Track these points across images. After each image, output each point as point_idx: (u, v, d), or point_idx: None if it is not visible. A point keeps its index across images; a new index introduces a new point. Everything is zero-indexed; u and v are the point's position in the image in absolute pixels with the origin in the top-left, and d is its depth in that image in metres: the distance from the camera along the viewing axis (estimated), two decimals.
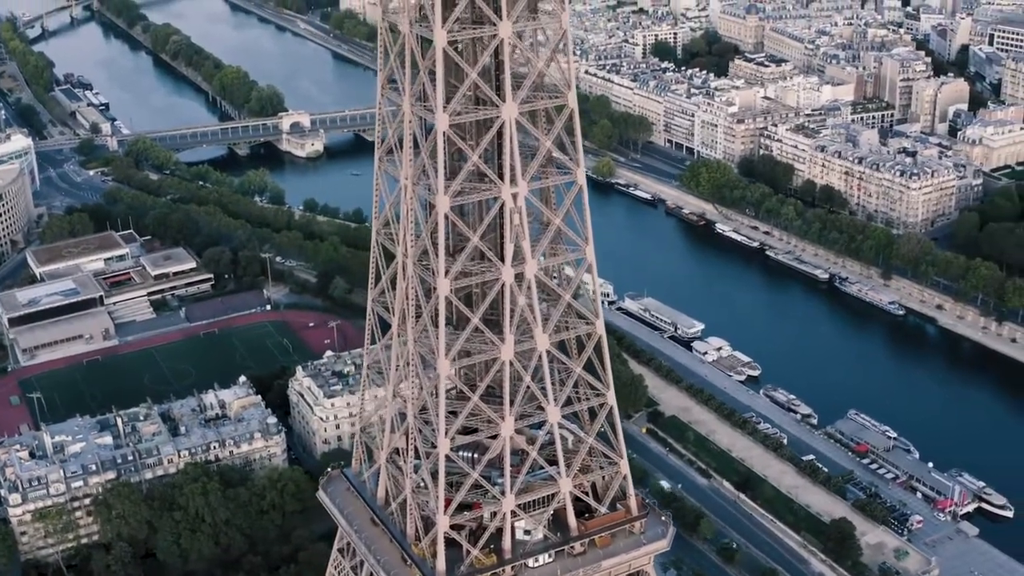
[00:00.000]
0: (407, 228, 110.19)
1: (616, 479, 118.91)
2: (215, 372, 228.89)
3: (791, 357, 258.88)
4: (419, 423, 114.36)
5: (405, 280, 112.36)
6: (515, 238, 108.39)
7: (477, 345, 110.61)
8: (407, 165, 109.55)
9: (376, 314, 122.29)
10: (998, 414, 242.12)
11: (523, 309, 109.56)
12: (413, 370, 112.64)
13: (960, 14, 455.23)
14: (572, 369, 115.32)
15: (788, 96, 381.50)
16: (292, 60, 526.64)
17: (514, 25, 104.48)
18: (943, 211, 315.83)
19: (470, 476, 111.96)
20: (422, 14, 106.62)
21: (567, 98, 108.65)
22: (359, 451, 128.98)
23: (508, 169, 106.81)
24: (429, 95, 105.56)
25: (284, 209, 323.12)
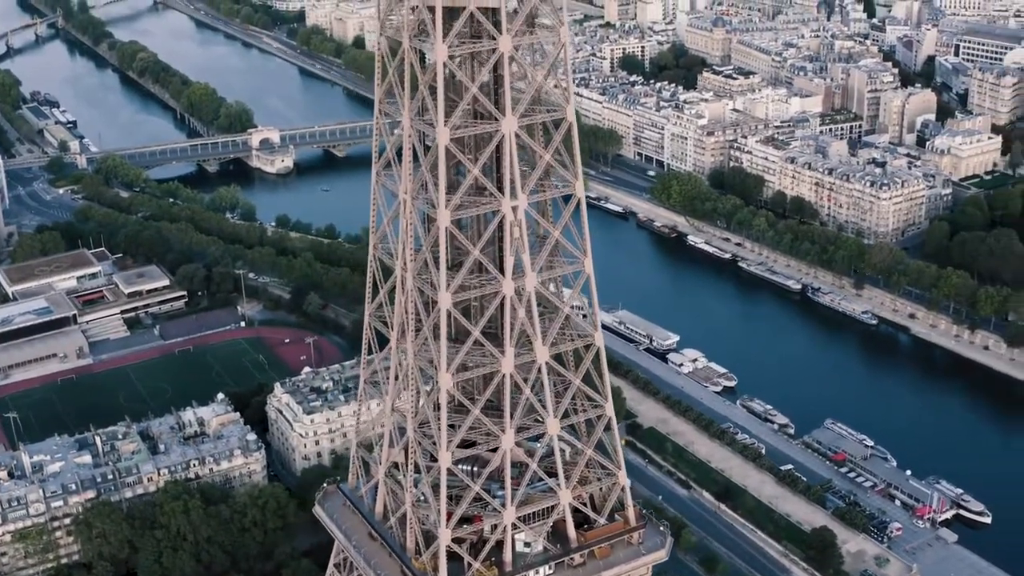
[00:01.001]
0: (406, 242, 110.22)
1: (615, 490, 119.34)
2: (191, 390, 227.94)
3: (766, 368, 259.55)
4: (419, 437, 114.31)
5: (404, 294, 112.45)
6: (515, 251, 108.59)
7: (477, 358, 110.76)
8: (406, 179, 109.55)
9: (373, 328, 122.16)
10: (973, 421, 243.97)
11: (523, 322, 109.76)
12: (413, 384, 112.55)
13: (926, 25, 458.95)
14: (570, 381, 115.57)
15: (757, 108, 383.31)
16: (259, 76, 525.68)
17: (513, 39, 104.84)
18: (913, 221, 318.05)
19: (471, 489, 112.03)
20: (420, 29, 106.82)
21: (566, 112, 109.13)
22: (355, 466, 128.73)
23: (508, 182, 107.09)
24: (429, 109, 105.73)
25: (256, 225, 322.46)
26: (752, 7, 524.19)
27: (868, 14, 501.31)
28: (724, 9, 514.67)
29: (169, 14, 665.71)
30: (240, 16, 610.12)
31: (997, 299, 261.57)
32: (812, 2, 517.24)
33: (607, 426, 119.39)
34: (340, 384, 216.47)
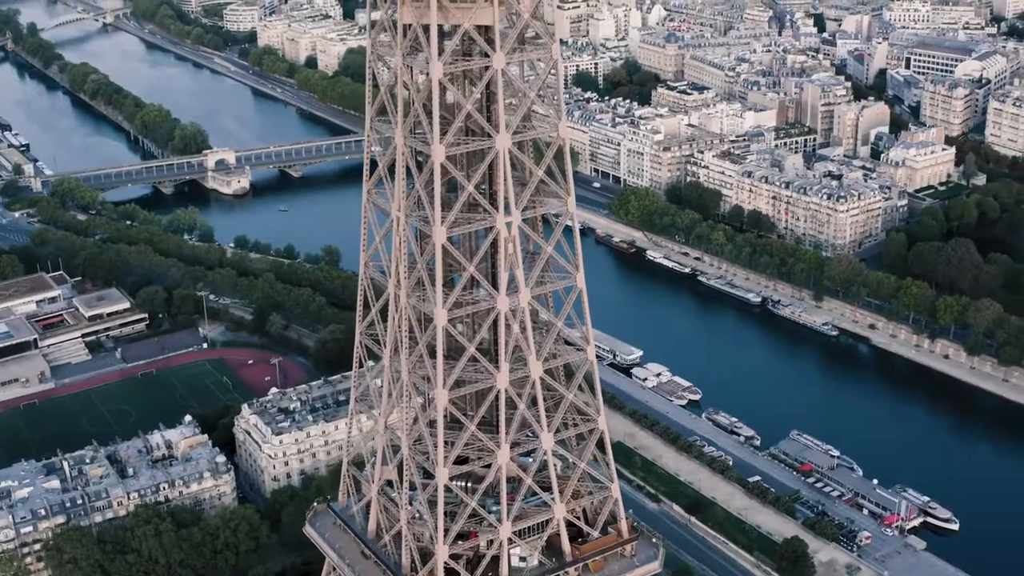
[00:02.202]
0: (400, 260, 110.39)
1: (607, 503, 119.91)
2: (155, 412, 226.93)
3: (730, 380, 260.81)
4: (414, 453, 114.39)
5: (398, 311, 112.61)
6: (509, 267, 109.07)
7: (471, 374, 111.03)
8: (400, 197, 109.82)
9: (363, 346, 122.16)
10: (935, 430, 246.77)
11: (517, 337, 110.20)
12: (407, 401, 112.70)
13: (876, 39, 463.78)
14: (562, 396, 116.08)
15: (712, 123, 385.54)
16: (211, 97, 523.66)
17: (506, 57, 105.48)
18: (870, 232, 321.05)
19: (467, 505, 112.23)
20: (413, 47, 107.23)
21: (558, 128, 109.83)
22: (346, 484, 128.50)
23: (502, 199, 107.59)
24: (424, 127, 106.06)
25: (215, 247, 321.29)
26: (704, 23, 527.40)
27: (819, 28, 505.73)
28: (676, 25, 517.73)
29: (118, 36, 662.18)
30: (191, 37, 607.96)
31: (956, 308, 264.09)
32: (763, 17, 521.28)
33: (600, 439, 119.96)
34: (308, 404, 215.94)
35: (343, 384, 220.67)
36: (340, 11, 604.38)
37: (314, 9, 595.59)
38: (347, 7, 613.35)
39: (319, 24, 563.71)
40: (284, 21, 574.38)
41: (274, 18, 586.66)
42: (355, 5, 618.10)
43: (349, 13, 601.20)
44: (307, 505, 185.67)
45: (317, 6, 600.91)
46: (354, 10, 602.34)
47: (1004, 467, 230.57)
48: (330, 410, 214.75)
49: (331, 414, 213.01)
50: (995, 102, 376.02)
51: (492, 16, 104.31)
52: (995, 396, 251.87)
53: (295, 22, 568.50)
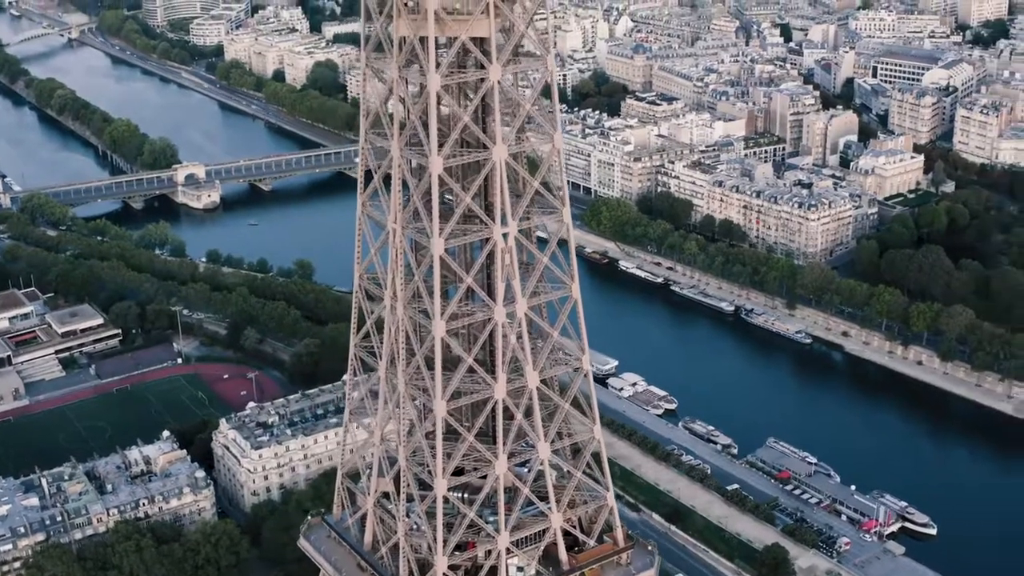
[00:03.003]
0: (396, 272, 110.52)
1: (603, 512, 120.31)
2: (131, 428, 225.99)
3: (705, 389, 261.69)
4: (411, 465, 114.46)
5: (394, 324, 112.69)
6: (505, 277, 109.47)
7: (469, 385, 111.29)
8: (396, 209, 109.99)
9: (358, 358, 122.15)
10: (910, 435, 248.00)
11: (513, 347, 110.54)
12: (404, 413, 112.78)
13: (843, 48, 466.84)
14: (557, 405, 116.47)
15: (681, 133, 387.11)
16: (179, 111, 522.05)
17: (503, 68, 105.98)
18: (841, 240, 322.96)
19: (465, 516, 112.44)
20: (408, 60, 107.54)
21: (553, 139, 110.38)
22: (340, 497, 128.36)
23: (498, 210, 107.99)
24: (422, 139, 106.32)
25: (188, 261, 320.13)
26: (671, 34, 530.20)
27: (785, 38, 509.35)
28: (643, 36, 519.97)
29: (84, 51, 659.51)
30: (157, 51, 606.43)
31: (929, 314, 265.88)
32: (730, 28, 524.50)
33: (595, 449, 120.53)
34: (286, 418, 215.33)
35: (321, 398, 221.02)
36: (307, 24, 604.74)
37: (280, 23, 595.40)
38: (314, 21, 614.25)
39: (286, 38, 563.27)
40: (251, 35, 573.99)
41: (241, 32, 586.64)
42: (321, 19, 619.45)
43: (316, 26, 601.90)
44: (288, 519, 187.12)
45: (284, 20, 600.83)
46: (321, 23, 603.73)
47: (979, 471, 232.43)
48: (308, 424, 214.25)
49: (310, 428, 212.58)
50: (963, 110, 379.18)
51: (488, 28, 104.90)
52: (968, 401, 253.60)
53: (262, 36, 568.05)
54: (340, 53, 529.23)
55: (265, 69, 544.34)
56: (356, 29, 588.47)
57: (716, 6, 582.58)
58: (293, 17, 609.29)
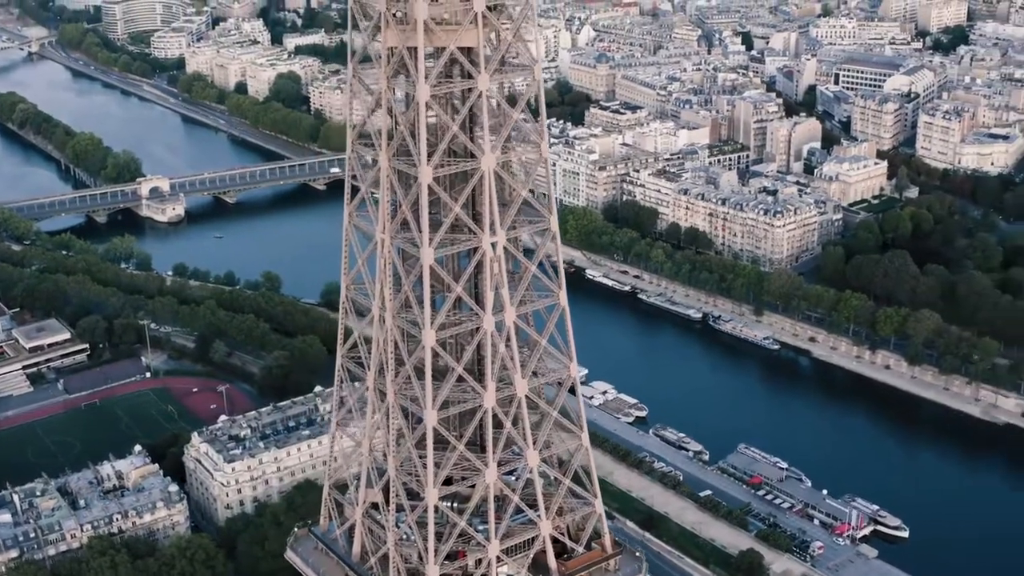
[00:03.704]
0: (384, 282, 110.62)
1: (591, 518, 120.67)
2: (101, 443, 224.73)
3: (675, 396, 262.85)
4: (400, 475, 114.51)
5: (384, 333, 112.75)
6: (494, 286, 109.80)
7: (458, 394, 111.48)
8: (384, 219, 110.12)
9: (345, 368, 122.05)
10: (880, 439, 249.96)
11: (502, 356, 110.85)
12: (394, 422, 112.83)
13: (804, 55, 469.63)
14: (545, 413, 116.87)
15: (646, 142, 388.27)
16: (141, 125, 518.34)
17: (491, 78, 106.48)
18: (806, 247, 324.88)
19: (455, 525, 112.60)
20: (396, 70, 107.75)
21: (540, 148, 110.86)
22: (327, 508, 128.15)
23: (487, 219, 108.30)
24: (411, 149, 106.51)
25: (154, 275, 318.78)
26: (633, 43, 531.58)
27: (747, 47, 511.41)
28: (605, 45, 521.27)
29: (44, 64, 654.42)
30: (118, 64, 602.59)
31: (896, 319, 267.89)
32: (691, 36, 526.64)
33: (583, 456, 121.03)
34: (258, 431, 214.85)
35: (292, 410, 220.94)
36: (268, 37, 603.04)
37: (242, 35, 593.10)
38: (275, 33, 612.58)
39: (248, 50, 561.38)
40: (212, 47, 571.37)
41: (202, 44, 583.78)
42: (283, 31, 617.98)
43: (277, 38, 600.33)
44: (262, 532, 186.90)
45: (245, 32, 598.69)
46: (282, 35, 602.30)
47: (949, 473, 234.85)
48: (281, 436, 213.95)
49: (282, 440, 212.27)
50: (925, 116, 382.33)
51: (476, 38, 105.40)
52: (937, 404, 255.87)
53: (224, 48, 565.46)
54: (302, 65, 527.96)
55: (227, 82, 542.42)
56: (318, 41, 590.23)
57: (677, 15, 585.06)
58: (254, 29, 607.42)
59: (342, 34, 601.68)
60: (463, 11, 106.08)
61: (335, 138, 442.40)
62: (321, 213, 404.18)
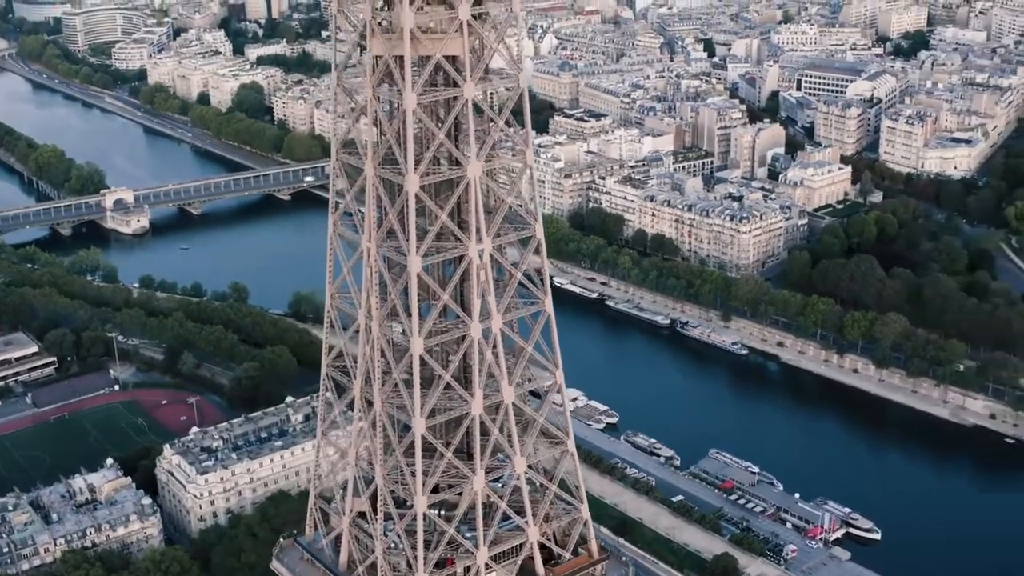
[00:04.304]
0: (370, 291, 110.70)
1: (577, 524, 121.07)
2: (71, 457, 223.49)
3: (645, 402, 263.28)
4: (388, 483, 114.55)
5: (370, 342, 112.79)
6: (481, 294, 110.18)
7: (445, 402, 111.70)
8: (371, 228, 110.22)
9: (330, 378, 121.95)
10: (850, 442, 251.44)
11: (489, 363, 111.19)
12: (381, 431, 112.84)
13: (767, 62, 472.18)
14: (532, 420, 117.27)
15: (611, 149, 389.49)
16: (103, 136, 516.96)
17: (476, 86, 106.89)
18: (772, 252, 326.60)
19: (444, 533, 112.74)
20: (381, 78, 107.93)
21: (526, 155, 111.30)
22: (312, 518, 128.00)
23: (473, 227, 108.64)
24: (398, 157, 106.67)
25: (121, 287, 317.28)
26: (596, 51, 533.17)
27: (708, 53, 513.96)
28: (568, 54, 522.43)
29: (4, 77, 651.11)
30: (79, 76, 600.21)
31: (864, 323, 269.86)
32: (654, 44, 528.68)
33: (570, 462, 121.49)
34: (230, 443, 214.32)
35: (264, 421, 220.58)
36: (230, 47, 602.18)
37: (204, 46, 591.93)
38: (236, 43, 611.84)
39: (210, 61, 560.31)
40: (174, 58, 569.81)
41: (163, 56, 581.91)
42: (244, 41, 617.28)
43: (239, 49, 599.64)
44: (237, 544, 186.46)
45: (207, 43, 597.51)
46: (244, 46, 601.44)
47: (919, 475, 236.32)
48: (253, 447, 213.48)
49: (255, 451, 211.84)
50: (888, 120, 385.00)
51: (461, 47, 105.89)
52: (905, 407, 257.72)
53: (185, 59, 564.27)
54: (265, 75, 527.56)
55: (189, 92, 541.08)
56: (279, 51, 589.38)
57: (639, 23, 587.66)
58: (216, 40, 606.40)
59: (304, 44, 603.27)
60: (448, 20, 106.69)
61: (299, 148, 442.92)
62: (286, 223, 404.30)
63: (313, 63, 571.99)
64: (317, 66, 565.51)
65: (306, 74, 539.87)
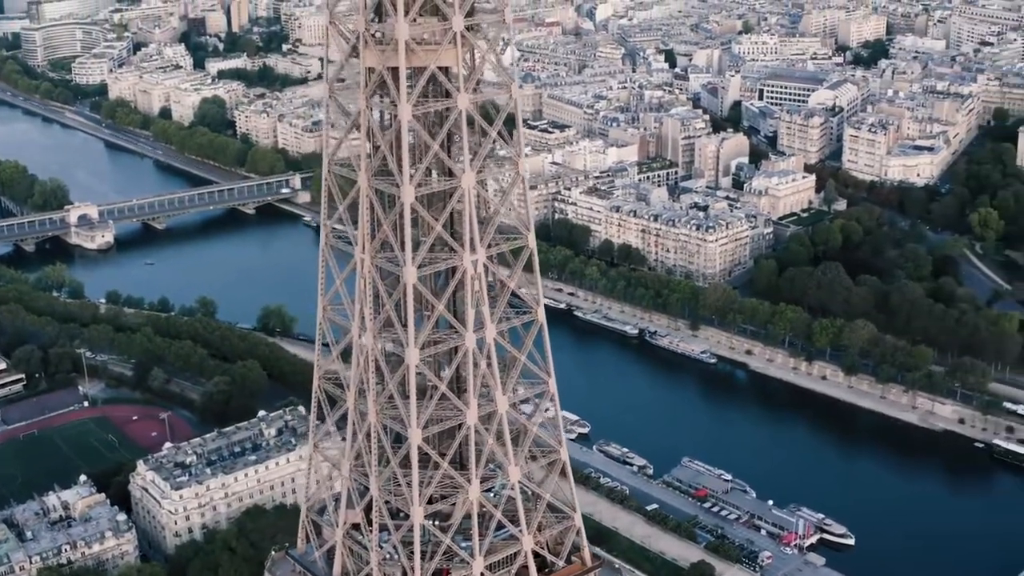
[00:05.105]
0: (364, 302, 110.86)
1: (570, 532, 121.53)
2: (43, 474, 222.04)
3: (616, 412, 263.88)
4: (383, 494, 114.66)
5: (364, 353, 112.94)
6: (475, 304, 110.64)
7: (440, 412, 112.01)
8: (364, 239, 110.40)
9: (322, 390, 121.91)
10: (821, 448, 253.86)
11: (484, 372, 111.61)
12: (376, 442, 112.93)
13: (728, 72, 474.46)
14: (526, 429, 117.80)
15: (575, 160, 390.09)
16: (65, 152, 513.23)
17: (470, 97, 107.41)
18: (739, 261, 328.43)
19: (440, 543, 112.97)
20: (375, 90, 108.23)
21: (518, 164, 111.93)
22: (305, 530, 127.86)
23: (467, 237, 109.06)
24: (392, 169, 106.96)
25: (88, 303, 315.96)
26: (558, 62, 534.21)
27: (670, 64, 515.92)
28: (530, 65, 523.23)
29: None
30: (39, 92, 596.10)
31: (832, 330, 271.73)
32: (616, 55, 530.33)
33: (562, 470, 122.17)
34: (204, 457, 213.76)
35: (237, 435, 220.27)
36: (190, 61, 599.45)
37: (164, 60, 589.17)
38: (197, 57, 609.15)
39: (171, 75, 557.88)
40: (135, 73, 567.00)
41: (124, 70, 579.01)
42: (205, 55, 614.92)
43: (199, 63, 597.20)
44: (213, 559, 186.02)
45: (167, 57, 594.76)
46: (204, 60, 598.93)
47: (890, 480, 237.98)
48: (227, 462, 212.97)
49: (229, 466, 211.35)
50: (850, 129, 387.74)
51: (455, 58, 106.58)
52: (874, 413, 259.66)
53: (146, 73, 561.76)
54: (227, 89, 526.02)
55: (151, 107, 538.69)
56: (240, 65, 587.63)
57: (600, 34, 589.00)
58: (176, 54, 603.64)
59: (264, 58, 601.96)
60: (442, 31, 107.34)
61: (262, 162, 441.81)
62: (251, 237, 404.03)
63: (275, 76, 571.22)
64: (279, 79, 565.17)
65: (268, 88, 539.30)
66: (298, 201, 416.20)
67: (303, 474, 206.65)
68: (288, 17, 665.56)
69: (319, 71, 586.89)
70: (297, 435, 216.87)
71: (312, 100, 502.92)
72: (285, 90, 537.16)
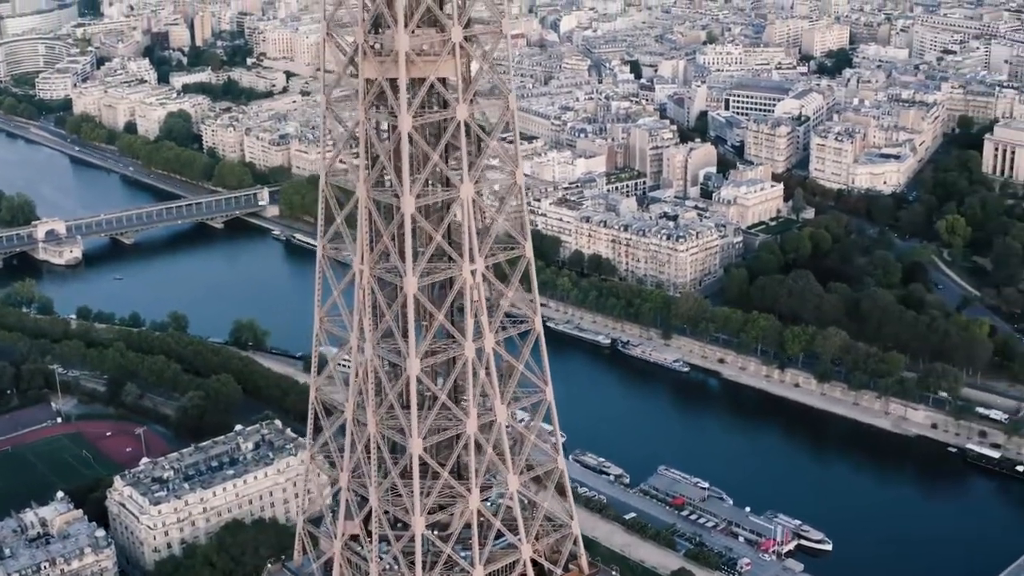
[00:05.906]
0: (363, 313, 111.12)
1: (567, 540, 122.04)
2: (17, 491, 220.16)
3: (591, 422, 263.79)
4: (383, 505, 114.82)
5: (363, 364, 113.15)
6: (475, 313, 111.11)
7: (440, 422, 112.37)
8: (363, 250, 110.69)
9: (319, 401, 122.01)
10: (795, 455, 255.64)
11: (483, 382, 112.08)
12: (376, 453, 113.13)
13: (694, 82, 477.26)
14: (524, 438, 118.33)
15: (544, 171, 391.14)
16: (30, 167, 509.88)
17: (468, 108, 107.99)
18: (709, 270, 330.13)
19: (441, 553, 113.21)
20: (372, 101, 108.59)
21: (516, 174, 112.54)
22: (302, 542, 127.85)
23: (466, 247, 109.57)
24: (393, 180, 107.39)
25: (59, 319, 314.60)
26: (524, 74, 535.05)
27: (635, 75, 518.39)
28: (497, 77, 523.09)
29: None
30: (3, 107, 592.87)
31: (804, 338, 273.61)
32: (581, 66, 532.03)
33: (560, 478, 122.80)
34: (181, 472, 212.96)
35: (214, 450, 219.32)
36: (155, 76, 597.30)
37: (129, 75, 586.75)
38: (161, 72, 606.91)
39: (136, 89, 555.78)
40: (100, 88, 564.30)
41: (88, 85, 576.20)
42: (169, 69, 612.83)
43: (164, 77, 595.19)
44: (194, 574, 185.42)
45: (131, 72, 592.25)
46: (168, 74, 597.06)
47: (864, 485, 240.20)
48: (205, 477, 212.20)
49: (207, 480, 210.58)
50: (817, 138, 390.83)
51: (454, 69, 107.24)
52: (848, 419, 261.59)
53: (111, 88, 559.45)
54: (192, 103, 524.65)
55: (116, 122, 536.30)
56: (204, 79, 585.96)
57: (565, 45, 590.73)
58: (141, 68, 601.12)
59: (229, 71, 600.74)
60: (440, 42, 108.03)
61: (230, 176, 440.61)
62: (220, 252, 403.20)
63: (240, 90, 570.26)
64: (244, 93, 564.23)
65: (233, 101, 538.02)
66: (266, 215, 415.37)
67: (281, 488, 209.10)
68: (252, 31, 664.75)
69: (284, 84, 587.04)
70: (274, 449, 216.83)
71: (278, 113, 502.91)
72: (251, 104, 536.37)
